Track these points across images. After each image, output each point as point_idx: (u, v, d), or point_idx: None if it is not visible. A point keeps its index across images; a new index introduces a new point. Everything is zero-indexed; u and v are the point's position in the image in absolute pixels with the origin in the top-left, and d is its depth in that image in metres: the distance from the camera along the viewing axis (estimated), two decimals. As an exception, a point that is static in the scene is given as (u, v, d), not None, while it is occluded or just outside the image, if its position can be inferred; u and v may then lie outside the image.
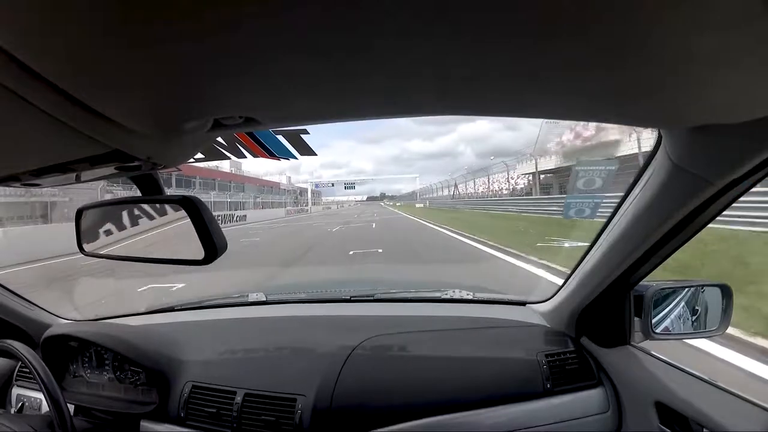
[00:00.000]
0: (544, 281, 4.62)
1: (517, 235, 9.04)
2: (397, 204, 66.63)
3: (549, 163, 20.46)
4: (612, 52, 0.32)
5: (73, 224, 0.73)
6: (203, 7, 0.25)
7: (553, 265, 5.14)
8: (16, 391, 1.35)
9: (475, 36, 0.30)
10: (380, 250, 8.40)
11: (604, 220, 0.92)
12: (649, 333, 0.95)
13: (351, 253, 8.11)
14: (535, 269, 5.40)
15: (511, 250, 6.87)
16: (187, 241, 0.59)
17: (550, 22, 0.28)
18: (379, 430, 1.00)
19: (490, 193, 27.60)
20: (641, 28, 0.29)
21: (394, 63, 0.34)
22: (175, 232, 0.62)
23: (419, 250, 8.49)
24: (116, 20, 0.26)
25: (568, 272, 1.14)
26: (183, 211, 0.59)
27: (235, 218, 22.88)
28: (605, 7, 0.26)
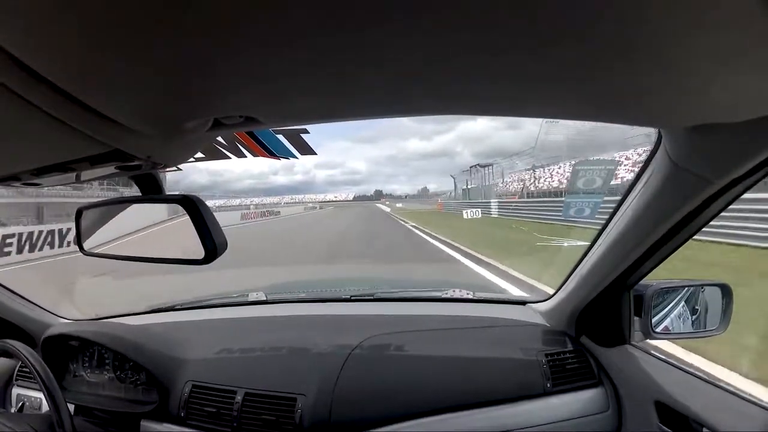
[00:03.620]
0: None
1: None
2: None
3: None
4: (612, 52, 0.32)
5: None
6: (203, 6, 0.25)
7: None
8: (16, 390, 1.35)
9: (476, 37, 0.30)
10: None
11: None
12: (648, 332, 0.95)
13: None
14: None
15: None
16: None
17: (551, 22, 0.28)
18: (379, 429, 1.00)
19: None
20: (641, 29, 0.29)
21: (395, 63, 0.34)
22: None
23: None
24: (116, 20, 0.26)
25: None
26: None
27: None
28: (605, 8, 0.26)
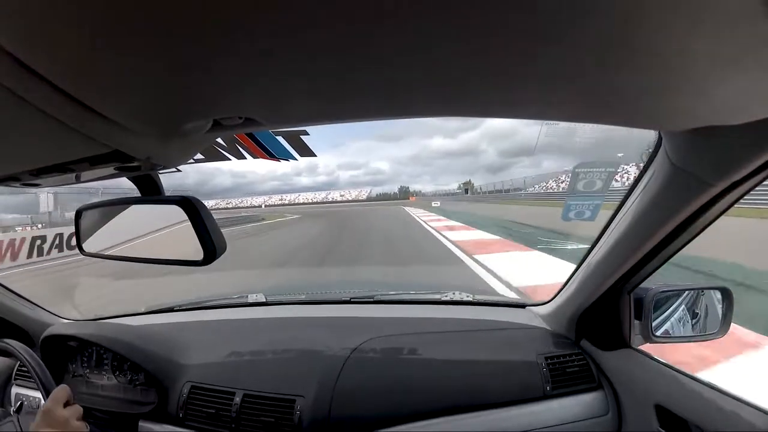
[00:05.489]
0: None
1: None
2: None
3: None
4: (611, 53, 0.32)
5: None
6: (203, 7, 0.25)
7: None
8: (15, 390, 1.35)
9: (475, 37, 0.30)
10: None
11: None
12: (649, 336, 0.95)
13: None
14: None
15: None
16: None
17: (550, 23, 0.28)
18: (378, 431, 1.00)
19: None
20: (641, 30, 0.29)
21: (394, 65, 0.34)
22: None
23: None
24: (116, 20, 0.26)
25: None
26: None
27: None
28: (605, 9, 0.26)
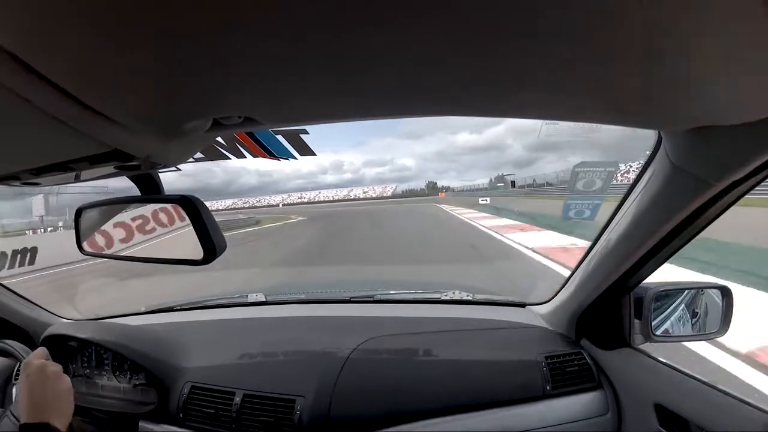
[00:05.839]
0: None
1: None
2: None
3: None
4: (612, 53, 0.32)
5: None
6: (203, 6, 0.25)
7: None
8: (15, 390, 1.35)
9: (475, 38, 0.30)
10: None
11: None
12: (649, 335, 0.95)
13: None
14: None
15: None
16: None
17: (550, 25, 0.28)
18: (378, 431, 1.00)
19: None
20: (641, 30, 0.29)
21: (394, 65, 0.34)
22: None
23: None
24: (116, 20, 0.26)
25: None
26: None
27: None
28: (605, 10, 0.26)
